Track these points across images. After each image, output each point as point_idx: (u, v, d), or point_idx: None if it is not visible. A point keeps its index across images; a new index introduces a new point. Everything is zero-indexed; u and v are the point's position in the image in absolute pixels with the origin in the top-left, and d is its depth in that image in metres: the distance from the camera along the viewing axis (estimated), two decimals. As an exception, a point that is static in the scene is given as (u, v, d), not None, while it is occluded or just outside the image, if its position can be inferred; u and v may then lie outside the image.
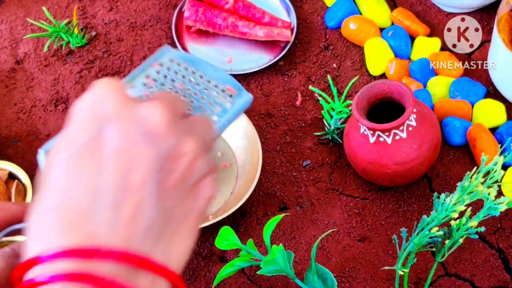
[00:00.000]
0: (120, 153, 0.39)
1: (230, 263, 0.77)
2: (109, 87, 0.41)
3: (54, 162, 0.40)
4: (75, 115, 0.41)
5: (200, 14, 1.01)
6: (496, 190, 0.67)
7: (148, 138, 0.39)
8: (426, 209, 0.86)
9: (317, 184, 0.89)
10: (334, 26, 1.02)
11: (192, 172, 0.41)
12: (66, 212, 0.38)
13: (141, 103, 0.41)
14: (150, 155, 0.39)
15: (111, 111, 0.40)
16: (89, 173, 0.39)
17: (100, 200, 0.38)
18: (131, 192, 0.39)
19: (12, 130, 0.99)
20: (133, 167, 0.39)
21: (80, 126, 0.40)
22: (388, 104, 0.84)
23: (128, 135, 0.39)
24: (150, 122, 0.40)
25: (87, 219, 0.38)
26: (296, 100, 0.97)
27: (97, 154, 0.39)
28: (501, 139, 0.88)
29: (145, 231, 0.39)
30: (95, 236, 0.38)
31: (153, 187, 0.39)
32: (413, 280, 0.81)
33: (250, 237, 0.83)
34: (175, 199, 0.41)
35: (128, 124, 0.40)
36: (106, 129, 0.40)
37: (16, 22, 1.09)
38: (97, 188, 0.38)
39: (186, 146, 0.41)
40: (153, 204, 0.39)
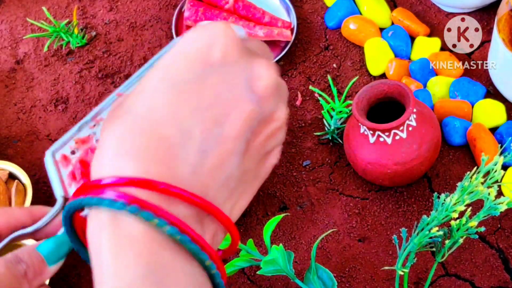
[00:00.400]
0: (221, 102, 0.39)
1: (230, 263, 0.77)
2: (228, 33, 0.40)
3: (151, 87, 0.39)
4: (185, 48, 0.40)
5: (200, 14, 1.02)
6: (496, 190, 0.67)
7: (252, 97, 0.39)
8: (426, 209, 0.86)
9: (317, 184, 0.89)
10: (334, 26, 1.02)
11: (273, 139, 0.42)
12: (155, 140, 0.37)
13: (253, 60, 0.40)
14: (249, 113, 0.39)
15: (222, 60, 0.40)
16: (187, 109, 0.38)
17: (190, 141, 0.38)
18: (221, 143, 0.38)
19: (12, 130, 0.99)
20: (229, 120, 0.39)
21: (187, 62, 0.39)
22: (388, 104, 0.84)
23: (234, 88, 0.39)
24: (259, 82, 0.40)
25: (173, 155, 0.37)
26: (296, 100, 0.97)
27: (198, 95, 0.38)
28: (501, 139, 0.88)
29: (223, 183, 0.39)
30: (177, 174, 0.37)
31: (242, 144, 0.39)
32: (413, 280, 0.81)
33: (250, 237, 0.83)
34: (253, 160, 0.41)
35: (238, 78, 0.39)
36: (214, 76, 0.39)
37: (16, 22, 1.09)
38: (191, 128, 0.38)
39: (279, 114, 0.41)
40: (236, 160, 0.39)
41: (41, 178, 0.94)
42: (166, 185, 0.37)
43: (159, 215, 0.36)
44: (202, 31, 0.40)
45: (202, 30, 0.40)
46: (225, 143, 0.38)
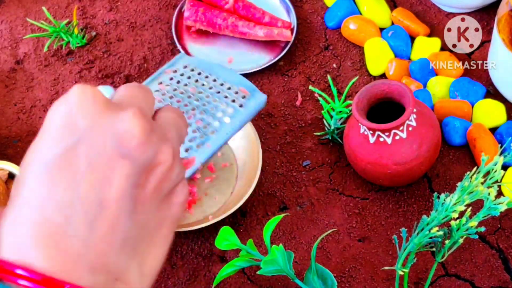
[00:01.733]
0: (95, 168, 0.38)
1: (230, 263, 0.77)
2: (83, 96, 0.40)
3: (26, 175, 0.39)
4: (49, 124, 0.40)
5: (200, 14, 1.01)
6: (496, 190, 0.67)
7: (124, 153, 0.39)
8: (426, 209, 0.86)
9: (317, 184, 0.89)
10: (334, 26, 1.02)
11: (167, 182, 0.41)
12: (40, 227, 0.37)
13: (117, 114, 0.39)
14: (126, 170, 0.38)
15: (86, 124, 0.39)
16: (63, 188, 0.38)
17: (74, 216, 0.37)
18: (105, 208, 0.38)
19: (12, 130, 0.99)
20: (108, 183, 0.38)
21: (54, 138, 0.39)
22: (388, 104, 0.84)
23: (104, 151, 0.38)
24: (127, 136, 0.39)
25: (62, 235, 0.37)
26: (296, 100, 0.97)
27: (71, 169, 0.38)
28: (501, 139, 0.88)
29: (121, 247, 0.39)
30: (70, 253, 0.37)
31: (128, 202, 0.39)
32: (413, 280, 0.81)
33: (250, 237, 0.83)
34: (149, 211, 0.40)
35: (104, 139, 0.39)
36: (81, 143, 0.38)
37: (16, 22, 1.09)
38: (71, 203, 0.38)
39: (162, 157, 0.40)
40: (127, 219, 0.39)
41: (41, 178, 0.94)
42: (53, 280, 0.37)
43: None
44: (60, 101, 0.40)
45: (60, 99, 0.40)
46: (108, 207, 0.38)
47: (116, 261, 0.39)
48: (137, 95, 0.43)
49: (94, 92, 0.40)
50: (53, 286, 0.36)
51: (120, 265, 0.39)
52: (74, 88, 0.40)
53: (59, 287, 0.37)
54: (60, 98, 0.40)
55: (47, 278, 0.36)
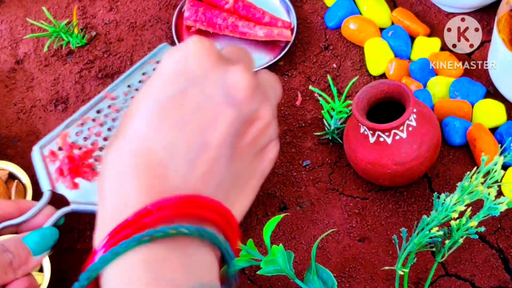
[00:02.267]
0: (202, 112, 0.40)
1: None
2: (200, 47, 0.42)
3: (137, 110, 0.41)
4: (164, 68, 0.42)
5: (200, 14, 1.02)
6: (496, 190, 0.67)
7: (231, 103, 0.41)
8: (426, 209, 0.86)
9: (317, 184, 0.89)
10: (334, 26, 1.02)
11: (263, 136, 0.44)
12: (144, 159, 0.39)
13: (228, 68, 0.42)
14: (230, 117, 0.41)
15: (199, 72, 0.41)
16: (170, 126, 0.40)
17: (177, 153, 0.40)
18: (207, 149, 0.40)
19: (12, 130, 0.99)
20: (212, 127, 0.40)
21: (167, 80, 0.41)
22: (388, 104, 0.84)
23: (212, 98, 0.41)
24: (236, 88, 0.41)
25: (163, 169, 0.39)
26: (296, 100, 0.97)
27: (180, 109, 0.40)
28: (501, 139, 0.88)
29: (215, 188, 0.41)
30: (170, 186, 0.39)
31: (228, 148, 0.41)
32: (413, 280, 0.81)
33: (250, 237, 0.83)
34: (245, 161, 0.43)
35: (214, 87, 0.41)
36: (193, 88, 0.41)
37: (16, 22, 1.09)
38: (176, 141, 0.40)
39: (262, 113, 0.43)
40: (225, 164, 0.41)
41: (41, 178, 0.94)
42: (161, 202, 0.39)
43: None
44: (177, 48, 0.43)
45: (177, 47, 0.43)
46: (209, 150, 0.40)
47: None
48: (243, 55, 0.45)
49: (209, 44, 0.42)
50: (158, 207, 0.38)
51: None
52: (192, 38, 0.43)
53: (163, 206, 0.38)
54: (178, 45, 0.43)
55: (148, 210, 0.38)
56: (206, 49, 0.42)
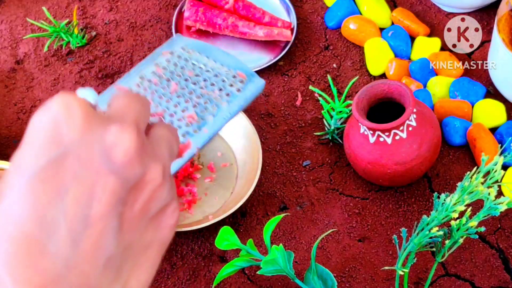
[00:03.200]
0: (80, 182, 0.36)
1: (230, 263, 0.77)
2: (69, 107, 0.37)
3: (8, 185, 0.37)
4: (32, 135, 0.38)
5: (200, 14, 1.02)
6: (496, 190, 0.67)
7: (112, 168, 0.37)
8: (426, 209, 0.86)
9: (317, 184, 0.89)
10: (334, 26, 1.02)
11: (155, 202, 0.39)
12: (19, 243, 0.35)
13: (107, 127, 0.37)
14: (112, 186, 0.36)
15: (72, 136, 0.37)
16: (45, 201, 0.36)
17: (57, 232, 0.35)
18: (90, 225, 0.36)
19: (12, 130, 0.99)
20: (94, 198, 0.36)
21: (37, 150, 0.37)
22: (388, 104, 0.84)
23: (90, 165, 0.36)
24: (116, 151, 0.37)
25: (42, 253, 0.35)
26: (296, 100, 0.97)
27: (55, 181, 0.36)
28: (501, 139, 0.88)
29: (105, 267, 0.37)
30: (50, 273, 0.35)
31: (114, 219, 0.37)
32: (413, 280, 0.81)
33: (250, 237, 0.83)
34: (136, 231, 0.38)
35: (91, 152, 0.37)
36: (67, 156, 0.36)
37: (16, 22, 1.09)
38: (53, 218, 0.35)
39: (151, 175, 0.38)
40: (112, 238, 0.37)
41: (41, 178, 0.94)
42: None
43: None
44: (46, 111, 0.38)
45: (45, 110, 0.38)
46: (94, 225, 0.36)
47: (98, 283, 0.37)
48: (133, 106, 0.41)
49: (80, 102, 0.38)
50: None
51: (102, 286, 0.37)
52: (58, 97, 0.38)
53: None
54: (44, 106, 0.38)
55: None
56: (79, 109, 0.37)
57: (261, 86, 0.55)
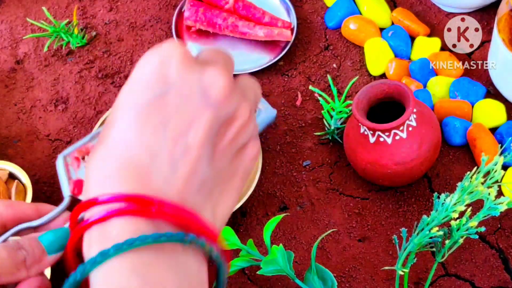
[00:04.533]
0: (181, 115, 0.41)
1: (230, 263, 0.77)
2: (175, 51, 0.43)
3: (117, 116, 0.42)
4: (140, 73, 0.43)
5: (200, 14, 1.01)
6: (496, 190, 0.67)
7: (209, 104, 0.42)
8: (426, 209, 0.86)
9: (317, 184, 0.89)
10: (334, 26, 1.02)
11: (242, 135, 0.44)
12: (126, 163, 0.40)
13: (205, 70, 0.43)
14: (209, 118, 0.41)
15: (176, 76, 0.42)
16: (151, 130, 0.41)
17: (159, 156, 0.41)
18: (188, 151, 0.41)
19: (12, 130, 0.99)
20: (192, 128, 0.41)
21: (145, 86, 0.42)
22: (388, 104, 0.84)
23: (191, 100, 0.42)
24: (212, 89, 0.42)
25: (146, 172, 0.40)
26: (296, 100, 0.97)
27: (159, 114, 0.41)
28: (501, 139, 0.88)
29: (198, 188, 0.42)
30: (152, 188, 0.40)
31: (208, 148, 0.42)
32: (413, 280, 0.81)
33: (250, 237, 0.83)
34: (225, 160, 0.43)
35: (191, 90, 0.42)
36: (171, 92, 0.42)
37: (16, 22, 1.09)
38: (157, 144, 0.41)
39: (241, 112, 0.44)
40: (206, 164, 0.42)
41: (41, 178, 0.94)
42: (140, 196, 0.40)
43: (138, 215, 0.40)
44: (153, 53, 0.43)
45: (153, 52, 0.43)
46: (191, 152, 0.41)
47: (192, 200, 0.41)
48: (222, 56, 0.46)
49: (184, 48, 0.43)
50: (140, 202, 0.39)
51: (196, 205, 0.42)
52: (166, 42, 0.43)
53: (146, 202, 0.39)
54: (152, 49, 0.43)
55: (133, 196, 0.39)
56: (181, 52, 0.43)
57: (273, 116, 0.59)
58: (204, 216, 0.42)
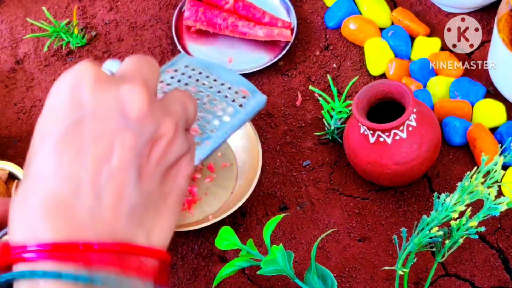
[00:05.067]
0: (99, 140, 0.39)
1: (230, 263, 0.77)
2: (85, 72, 0.41)
3: (35, 149, 0.40)
4: (53, 100, 0.41)
5: (200, 14, 1.01)
6: (496, 190, 0.67)
7: (127, 123, 0.40)
8: (426, 209, 0.86)
9: (317, 184, 0.89)
10: (334, 26, 1.02)
11: (170, 154, 0.42)
12: (48, 200, 0.38)
13: (119, 88, 0.40)
14: (130, 140, 0.39)
15: (89, 98, 0.40)
16: (69, 160, 0.39)
17: (81, 187, 0.38)
18: (112, 177, 0.39)
19: (12, 130, 0.99)
20: (113, 153, 0.39)
21: (58, 113, 0.40)
22: (388, 104, 0.84)
23: (107, 123, 0.39)
24: (129, 108, 0.40)
25: (69, 207, 0.38)
26: (296, 100, 0.97)
27: (76, 141, 0.39)
28: (501, 139, 0.88)
29: (128, 216, 0.39)
30: (80, 225, 0.38)
31: (134, 171, 0.39)
32: (413, 280, 0.81)
33: (250, 237, 0.83)
34: (154, 182, 0.41)
35: (107, 112, 0.40)
36: (86, 117, 0.40)
37: (16, 22, 1.09)
38: (77, 175, 0.38)
39: (164, 128, 0.41)
40: (133, 188, 0.39)
41: (41, 178, 0.94)
42: (70, 243, 0.38)
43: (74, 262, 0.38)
44: (64, 78, 0.41)
45: (64, 77, 0.41)
46: (115, 178, 0.39)
47: (123, 231, 0.39)
48: (142, 67, 0.44)
49: (95, 69, 0.41)
50: (66, 250, 0.37)
51: (128, 235, 0.40)
52: (77, 65, 0.41)
53: (72, 248, 0.37)
54: (64, 73, 0.41)
55: (57, 245, 0.37)
56: (93, 73, 0.41)
57: (263, 101, 0.58)
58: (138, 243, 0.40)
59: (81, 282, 0.37)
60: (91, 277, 0.37)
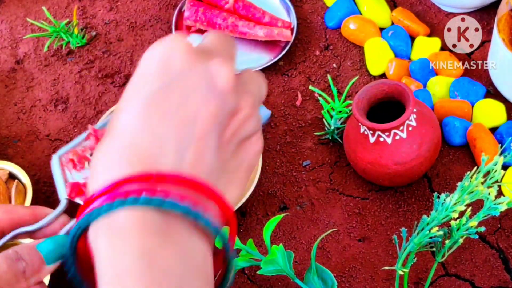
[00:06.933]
0: (187, 104, 0.42)
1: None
2: (178, 43, 0.44)
3: (125, 107, 0.43)
4: (146, 66, 0.44)
5: (200, 14, 1.02)
6: (496, 190, 0.67)
7: (214, 94, 0.42)
8: (426, 209, 0.86)
9: (317, 184, 0.89)
10: (334, 26, 1.02)
11: (246, 128, 0.45)
12: (133, 149, 0.41)
13: (209, 61, 0.43)
14: (214, 108, 0.42)
15: (181, 67, 0.43)
16: (157, 118, 0.41)
17: (166, 144, 0.41)
18: (194, 141, 0.41)
19: (12, 130, 0.99)
20: (198, 118, 0.42)
21: (152, 77, 0.43)
22: (388, 104, 0.84)
23: (196, 90, 0.42)
24: (217, 81, 0.43)
25: (153, 158, 0.41)
26: (296, 100, 0.97)
27: (166, 103, 0.42)
28: (501, 139, 0.88)
29: (206, 177, 0.42)
30: (160, 170, 0.40)
31: (214, 138, 0.42)
32: (413, 280, 0.81)
33: (250, 237, 0.83)
34: (230, 151, 0.44)
35: (196, 81, 0.42)
36: (177, 82, 0.42)
37: (16, 22, 1.09)
38: (164, 133, 0.41)
39: (243, 104, 0.44)
40: (213, 153, 0.42)
41: (41, 178, 0.94)
42: (152, 174, 0.40)
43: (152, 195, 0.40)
44: (157, 47, 0.44)
45: (157, 46, 0.44)
46: (197, 141, 0.42)
47: None
48: (227, 44, 0.47)
49: (186, 42, 0.44)
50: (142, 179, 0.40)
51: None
52: (169, 36, 0.44)
53: (148, 177, 0.40)
54: (156, 43, 0.44)
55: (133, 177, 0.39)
56: (184, 45, 0.44)
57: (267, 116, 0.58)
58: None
59: (165, 207, 0.39)
60: (172, 203, 0.40)
